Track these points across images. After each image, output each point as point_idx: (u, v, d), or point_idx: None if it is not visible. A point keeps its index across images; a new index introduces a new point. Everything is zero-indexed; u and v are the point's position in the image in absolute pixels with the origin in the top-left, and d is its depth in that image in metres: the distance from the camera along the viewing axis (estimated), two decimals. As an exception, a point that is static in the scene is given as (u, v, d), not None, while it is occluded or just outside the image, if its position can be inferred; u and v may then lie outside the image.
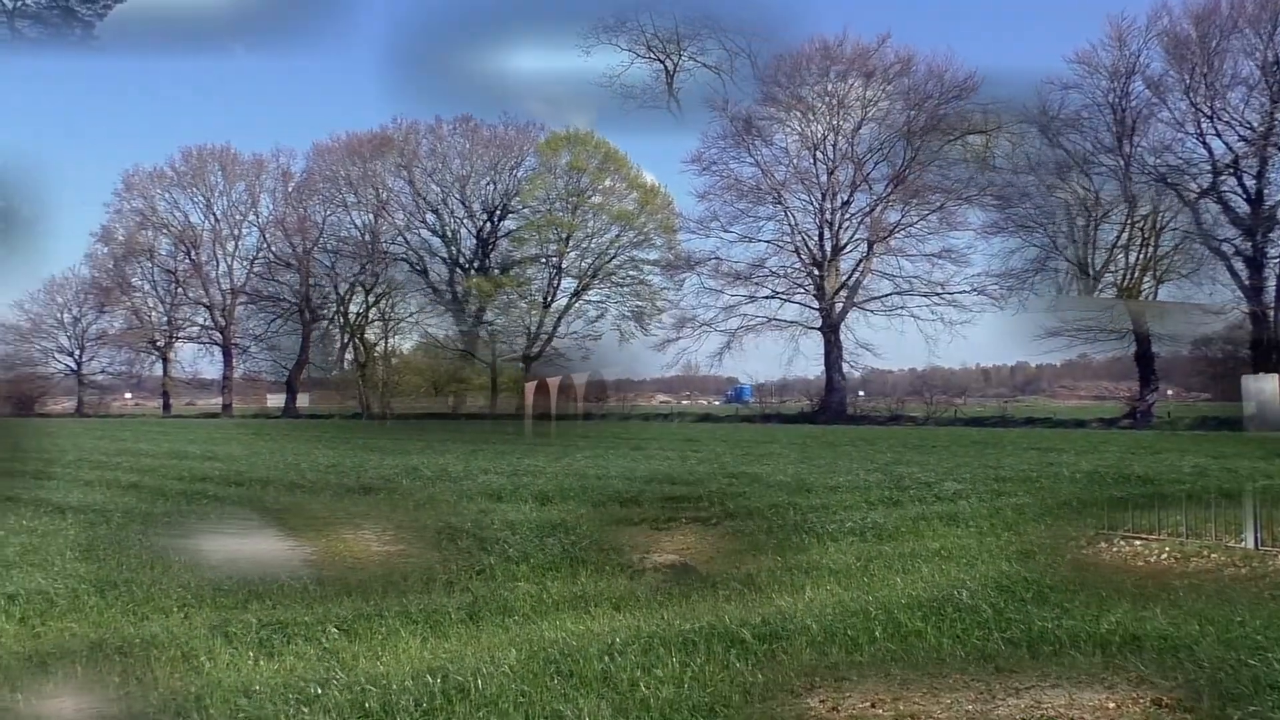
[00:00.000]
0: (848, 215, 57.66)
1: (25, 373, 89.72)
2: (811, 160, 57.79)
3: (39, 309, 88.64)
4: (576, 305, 72.12)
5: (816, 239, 57.80)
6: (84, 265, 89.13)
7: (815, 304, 57.35)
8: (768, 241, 58.98)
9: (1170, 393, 52.94)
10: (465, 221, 73.71)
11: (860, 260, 57.59)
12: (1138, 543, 9.96)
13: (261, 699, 5.20)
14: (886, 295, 57.32)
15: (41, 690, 5.60)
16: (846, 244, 57.92)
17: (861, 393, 67.55)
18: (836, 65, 56.12)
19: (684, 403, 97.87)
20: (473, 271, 72.68)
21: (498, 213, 72.62)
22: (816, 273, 57.08)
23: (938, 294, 55.04)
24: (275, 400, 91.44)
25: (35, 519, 12.57)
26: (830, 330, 56.51)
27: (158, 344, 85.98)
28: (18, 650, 6.45)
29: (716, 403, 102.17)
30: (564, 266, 70.84)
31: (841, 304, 56.94)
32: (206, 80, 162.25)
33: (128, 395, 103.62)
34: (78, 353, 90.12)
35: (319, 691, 5.26)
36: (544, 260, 70.93)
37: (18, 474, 19.43)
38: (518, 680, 5.46)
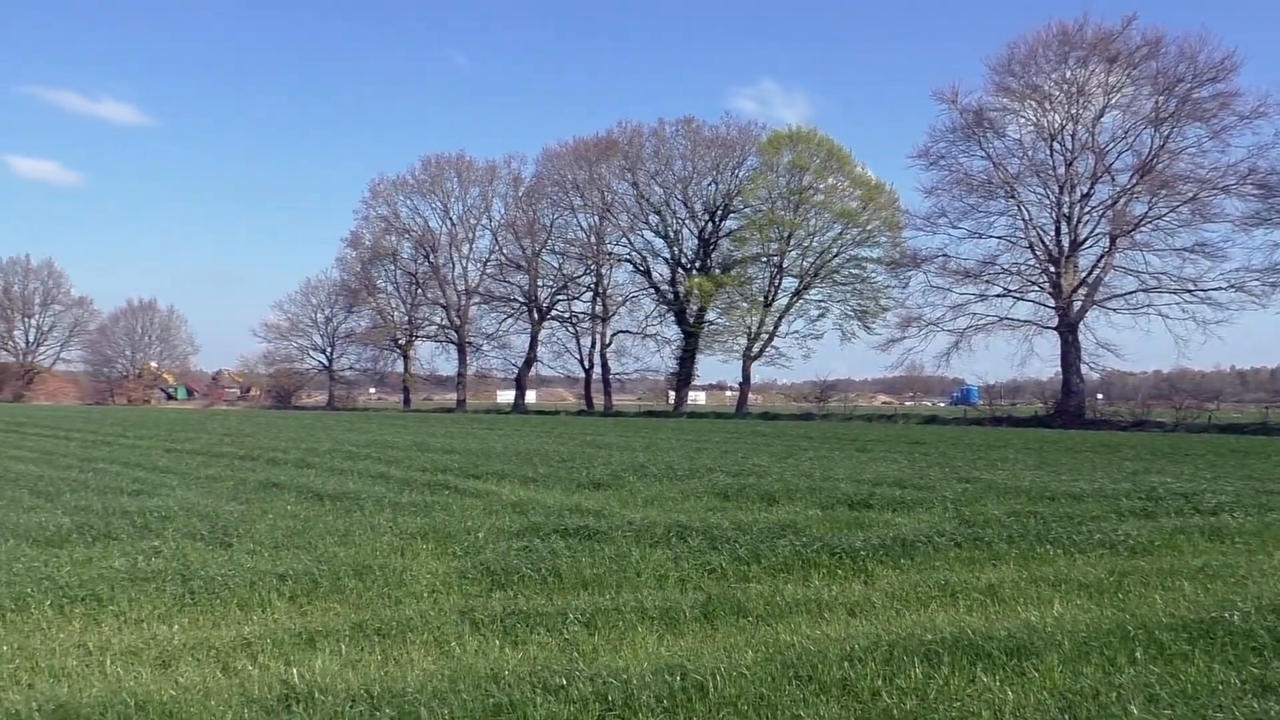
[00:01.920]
0: (1087, 208, 54.58)
1: (285, 368, 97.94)
2: (1048, 151, 55.06)
3: (296, 309, 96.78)
4: (798, 304, 71.77)
5: (1053, 234, 55.03)
6: (335, 268, 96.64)
7: (1051, 302, 54.55)
8: (999, 237, 56.72)
9: None
10: (687, 222, 74.74)
11: (1101, 256, 54.35)
12: None
13: (509, 686, 5.37)
14: (1131, 293, 53.94)
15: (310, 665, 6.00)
16: (1086, 239, 54.85)
17: (1101, 396, 63.82)
18: (1076, 51, 53.20)
19: (907, 404, 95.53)
20: (695, 271, 73.43)
21: (719, 212, 73.19)
22: (1052, 269, 54.29)
23: (1189, 291, 51.29)
24: (505, 396, 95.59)
25: (298, 504, 13.51)
26: (1068, 330, 53.64)
27: (399, 342, 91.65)
28: (289, 626, 6.95)
29: (941, 404, 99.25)
30: (785, 265, 70.64)
31: (1080, 302, 53.94)
32: (437, 90, 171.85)
33: (372, 390, 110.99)
34: (329, 350, 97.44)
35: (564, 682, 5.39)
36: (765, 259, 70.96)
37: (280, 462, 21.01)
38: (755, 682, 5.41)
